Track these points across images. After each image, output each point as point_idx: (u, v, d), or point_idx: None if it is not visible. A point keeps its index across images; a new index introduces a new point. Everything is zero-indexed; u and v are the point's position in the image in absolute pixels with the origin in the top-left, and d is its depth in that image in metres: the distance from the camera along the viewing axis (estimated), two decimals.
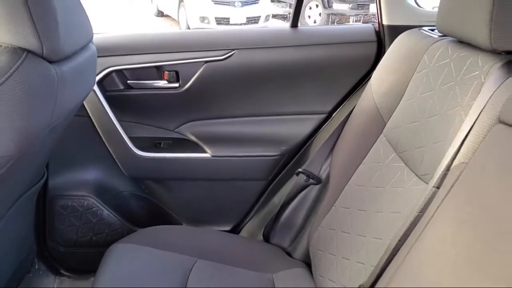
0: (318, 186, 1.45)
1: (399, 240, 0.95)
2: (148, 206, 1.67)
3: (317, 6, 8.16)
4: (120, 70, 1.49)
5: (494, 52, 0.90)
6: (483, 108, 0.85)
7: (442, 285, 0.73)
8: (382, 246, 1.01)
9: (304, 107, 1.56)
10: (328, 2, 7.97)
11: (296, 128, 1.57)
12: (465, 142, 0.87)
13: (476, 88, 0.90)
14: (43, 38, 0.80)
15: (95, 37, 1.17)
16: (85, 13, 1.05)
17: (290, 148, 1.58)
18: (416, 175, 1.01)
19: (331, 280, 1.18)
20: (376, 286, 0.96)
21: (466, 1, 0.95)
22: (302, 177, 1.46)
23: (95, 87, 1.45)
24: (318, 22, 8.07)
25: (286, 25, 1.63)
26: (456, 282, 0.72)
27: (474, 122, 0.86)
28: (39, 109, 0.83)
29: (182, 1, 8.17)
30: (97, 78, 1.45)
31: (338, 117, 1.52)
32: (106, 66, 1.46)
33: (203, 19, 7.90)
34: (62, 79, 0.88)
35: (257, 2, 8.33)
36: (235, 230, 1.69)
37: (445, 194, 0.84)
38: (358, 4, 7.70)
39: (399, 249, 0.93)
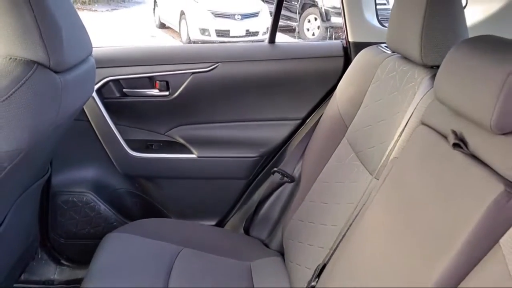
0: (292, 184, 1.61)
1: (349, 225, 1.12)
2: (140, 202, 1.81)
3: (315, 19, 8.24)
4: (117, 80, 1.65)
5: (425, 66, 1.08)
6: (413, 112, 1.03)
7: (377, 257, 0.90)
8: (337, 231, 1.18)
9: (280, 114, 1.72)
10: (326, 16, 8.07)
11: (273, 132, 1.73)
12: (399, 141, 1.05)
13: (411, 97, 1.07)
14: (50, 53, 0.96)
15: (95, 50, 1.34)
16: (85, 30, 1.21)
17: (268, 150, 1.74)
18: (368, 170, 1.18)
19: (298, 264, 1.33)
20: (328, 265, 1.12)
21: (405, 24, 1.13)
22: (278, 176, 1.62)
23: (94, 95, 1.60)
24: (316, 35, 8.14)
25: (285, 37, 1.79)
26: (385, 252, 0.89)
27: (406, 124, 1.04)
28: (45, 111, 0.99)
29: (183, 13, 8.26)
30: (96, 86, 1.60)
31: (310, 123, 1.68)
32: (105, 76, 1.61)
33: (203, 31, 7.97)
34: (65, 87, 1.05)
35: (257, 16, 8.42)
36: (220, 224, 1.83)
37: (381, 184, 1.01)
38: None
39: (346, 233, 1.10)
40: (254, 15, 8.32)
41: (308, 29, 8.35)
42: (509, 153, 0.69)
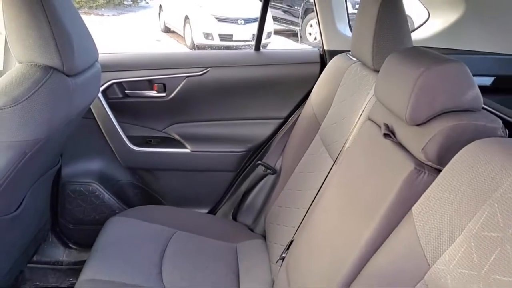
0: (274, 175, 1.80)
1: (312, 206, 1.31)
2: (140, 192, 1.98)
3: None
4: (120, 82, 1.83)
5: (377, 71, 1.27)
6: (363, 110, 1.23)
7: (328, 226, 1.10)
8: (304, 212, 1.37)
9: (265, 113, 1.90)
10: None
11: (258, 130, 1.91)
12: (352, 133, 1.24)
13: (365, 97, 1.27)
14: (63, 60, 1.15)
15: (101, 56, 1.52)
16: (92, 39, 1.39)
17: (254, 145, 1.92)
18: (333, 160, 1.37)
19: (275, 243, 1.52)
20: (294, 239, 1.31)
21: (362, 35, 1.33)
22: (262, 168, 1.81)
23: (100, 95, 1.78)
24: (318, 39, 8.24)
25: (288, 41, 1.97)
26: (334, 222, 1.08)
27: (358, 120, 1.23)
28: (60, 108, 1.19)
29: (188, 18, 8.39)
30: (102, 88, 1.78)
31: (291, 121, 1.86)
32: (109, 79, 1.79)
33: (207, 35, 8.10)
34: (75, 88, 1.25)
35: None
36: (212, 212, 2.00)
37: (336, 169, 1.21)
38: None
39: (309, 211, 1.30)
40: (256, 19, 8.45)
41: (310, 34, 8.46)
42: (420, 140, 0.89)
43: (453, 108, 0.88)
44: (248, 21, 8.15)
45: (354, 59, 1.51)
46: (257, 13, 1.72)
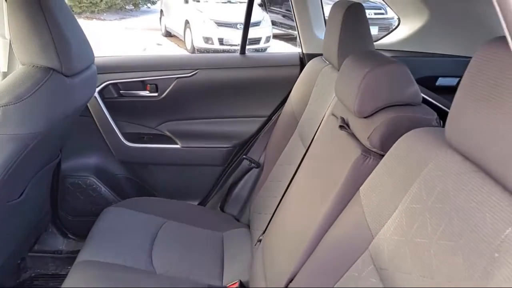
0: (258, 169, 1.94)
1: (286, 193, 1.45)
2: (134, 185, 2.11)
3: None
4: (115, 83, 1.96)
5: None
6: (329, 107, 1.37)
7: (294, 206, 1.24)
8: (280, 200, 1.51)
9: (250, 112, 2.04)
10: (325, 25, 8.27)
11: (244, 127, 2.05)
12: (319, 127, 1.38)
13: (331, 96, 1.41)
14: (62, 62, 1.29)
15: (98, 59, 1.65)
16: (89, 43, 1.52)
17: (240, 142, 2.05)
18: (306, 151, 1.50)
19: (257, 229, 1.65)
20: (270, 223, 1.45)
21: (329, 40, 1.47)
22: (247, 163, 1.95)
23: (96, 95, 1.91)
24: None
25: (287, 45, 2.10)
26: (298, 203, 1.22)
27: (325, 115, 1.37)
28: (58, 104, 1.33)
29: (188, 22, 8.56)
30: (98, 88, 1.91)
31: (274, 119, 2.00)
32: (105, 80, 1.93)
33: (207, 39, 8.27)
34: (73, 87, 1.39)
35: (258, 25, 8.68)
36: (201, 204, 2.13)
37: (305, 159, 1.35)
38: None
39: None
40: (256, 24, 8.57)
41: None
42: (366, 130, 1.03)
43: (395, 102, 1.02)
44: None
45: (327, 62, 1.65)
46: (255, 18, 1.86)
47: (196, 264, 1.52)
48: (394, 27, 1.96)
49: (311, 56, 1.85)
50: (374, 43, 2.04)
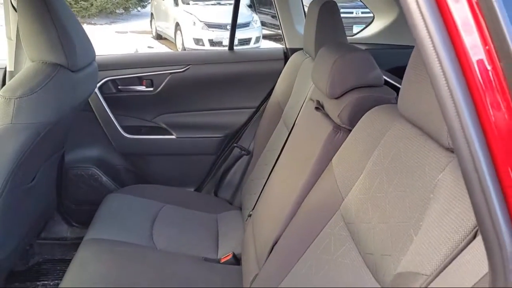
0: (248, 156, 2.10)
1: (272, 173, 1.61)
2: (133, 175, 2.25)
3: None
4: (114, 80, 2.10)
5: None
6: (308, 92, 1.53)
7: (277, 181, 1.40)
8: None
9: (239, 104, 2.19)
10: None
11: (234, 118, 2.20)
12: (300, 111, 1.54)
13: (310, 83, 1.57)
14: (68, 58, 1.44)
15: (98, 57, 1.79)
16: (90, 41, 1.66)
17: (231, 131, 2.20)
18: (288, 134, 1.65)
19: (247, 209, 1.79)
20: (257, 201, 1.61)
21: (307, 33, 1.63)
22: (238, 150, 2.11)
23: (97, 91, 2.04)
24: None
25: (277, 45, 2.25)
26: (280, 178, 1.38)
27: (305, 100, 1.54)
28: (65, 97, 1.48)
29: (179, 25, 8.71)
30: (98, 84, 2.04)
31: (262, 109, 2.16)
32: (105, 76, 2.06)
33: (197, 41, 8.42)
34: (77, 81, 1.54)
35: (248, 26, 8.83)
36: (197, 190, 2.27)
37: (288, 140, 1.51)
38: None
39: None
40: (245, 25, 8.69)
41: None
42: (337, 109, 1.20)
43: (360, 85, 1.19)
44: (237, 26, 8.40)
45: (307, 55, 1.81)
46: (245, 19, 2.02)
47: (193, 241, 1.66)
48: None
49: (294, 51, 2.01)
50: (351, 37, 2.22)
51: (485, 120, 0.47)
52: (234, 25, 2.17)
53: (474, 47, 0.47)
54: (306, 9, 2.13)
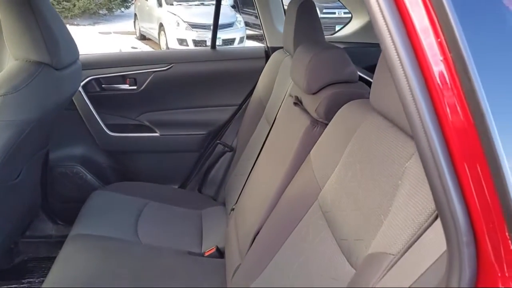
0: (231, 152, 2.14)
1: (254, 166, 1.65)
2: (118, 172, 2.27)
3: None
4: (98, 78, 2.13)
5: None
6: (288, 89, 1.58)
7: (260, 174, 1.44)
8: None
9: (222, 101, 2.23)
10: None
11: (217, 115, 2.23)
12: (280, 107, 1.59)
13: (290, 80, 1.61)
14: (52, 57, 1.47)
15: (82, 56, 1.82)
16: (74, 41, 1.69)
17: (214, 128, 2.23)
18: (269, 130, 1.68)
19: (231, 203, 1.83)
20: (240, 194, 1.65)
21: (287, 32, 1.68)
22: (221, 147, 2.15)
23: (81, 89, 2.07)
24: None
25: (261, 45, 2.27)
26: (262, 171, 1.43)
27: (285, 96, 1.58)
28: (49, 94, 1.51)
29: (162, 25, 8.71)
30: (82, 83, 2.07)
31: (245, 107, 2.20)
32: (88, 75, 2.09)
33: (181, 41, 8.43)
34: (61, 79, 1.56)
35: (232, 26, 8.87)
36: (181, 188, 2.29)
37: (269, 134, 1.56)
38: None
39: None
40: (229, 25, 8.74)
41: None
42: (314, 104, 1.25)
43: (336, 80, 1.24)
44: (221, 27, 8.43)
45: (288, 53, 1.86)
46: (229, 19, 2.06)
47: (177, 236, 1.70)
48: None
49: (275, 49, 2.06)
50: (330, 36, 2.28)
51: (437, 104, 0.52)
52: (216, 24, 2.21)
53: (427, 37, 0.52)
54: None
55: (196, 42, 8.41)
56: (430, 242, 0.69)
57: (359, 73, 1.31)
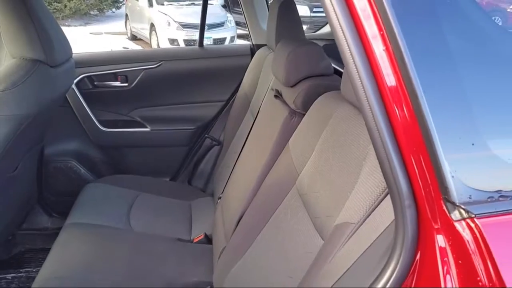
0: (219, 146, 2.24)
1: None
2: (111, 166, 2.35)
3: None
4: (90, 76, 2.21)
5: None
6: (270, 83, 1.67)
7: (243, 165, 1.54)
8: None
9: (210, 97, 2.32)
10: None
11: (205, 110, 2.33)
12: (264, 99, 1.69)
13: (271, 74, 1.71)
14: (47, 54, 1.55)
15: (75, 54, 1.90)
16: (67, 39, 1.77)
17: (203, 123, 2.32)
18: (253, 122, 1.78)
19: (217, 192, 1.93)
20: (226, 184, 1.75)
21: (270, 30, 1.77)
22: (209, 141, 2.25)
23: (74, 87, 2.15)
24: None
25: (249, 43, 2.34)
26: (246, 162, 1.52)
27: (267, 90, 1.68)
28: (45, 90, 1.59)
29: (153, 25, 8.79)
30: (75, 81, 2.14)
31: (232, 102, 2.28)
32: (82, 73, 2.17)
33: (172, 41, 8.51)
34: (56, 76, 1.65)
35: (222, 25, 8.95)
36: (172, 180, 2.38)
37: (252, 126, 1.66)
38: None
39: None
40: (220, 25, 8.83)
41: None
42: (292, 95, 1.35)
43: (312, 74, 1.35)
44: (212, 26, 8.48)
45: (271, 50, 1.96)
46: (219, 19, 2.15)
47: (168, 224, 1.79)
48: None
49: (259, 46, 2.16)
50: (313, 34, 2.38)
51: (382, 89, 0.63)
52: (203, 23, 2.30)
53: (372, 32, 0.62)
54: None
55: (187, 42, 8.44)
56: (384, 211, 0.80)
57: (337, 67, 1.41)
